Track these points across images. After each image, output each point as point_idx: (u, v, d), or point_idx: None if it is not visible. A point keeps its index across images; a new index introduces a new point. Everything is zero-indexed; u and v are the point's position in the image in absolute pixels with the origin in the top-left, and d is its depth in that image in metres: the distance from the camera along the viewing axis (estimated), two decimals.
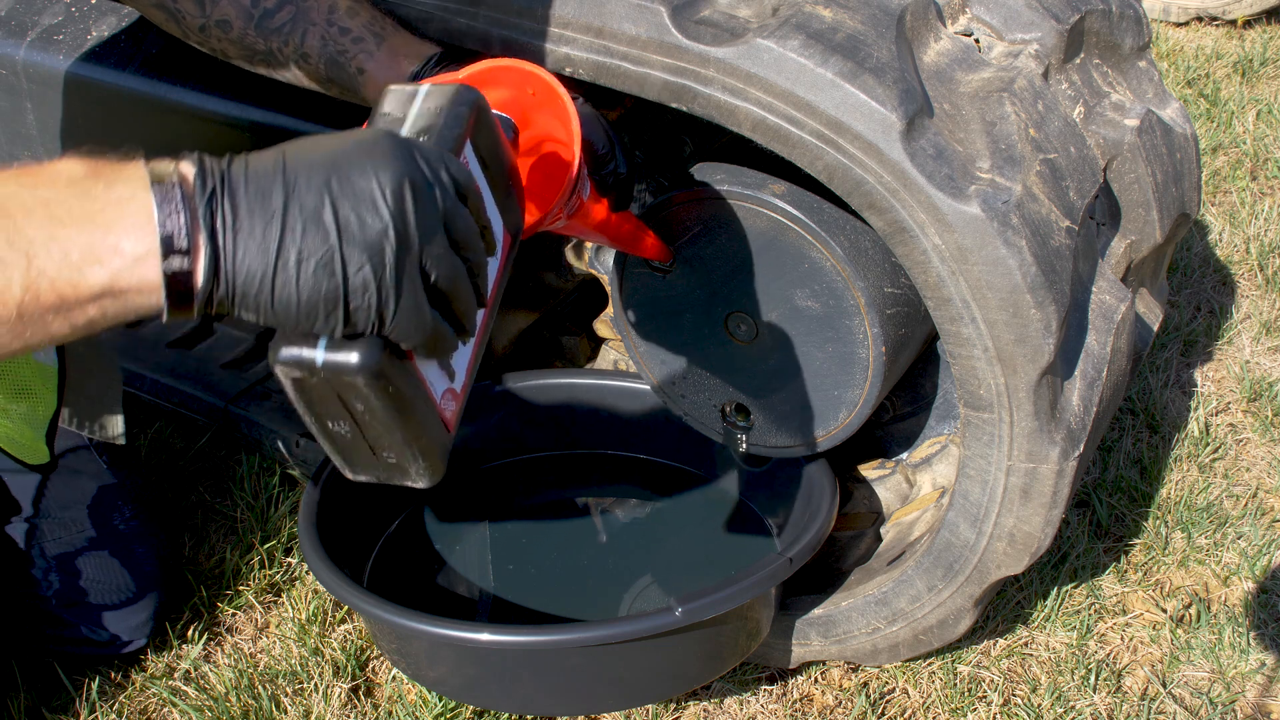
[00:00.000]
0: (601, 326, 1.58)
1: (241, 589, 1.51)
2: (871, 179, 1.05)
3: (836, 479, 1.33)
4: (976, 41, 1.21)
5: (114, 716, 1.35)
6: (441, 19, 1.20)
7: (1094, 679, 1.41)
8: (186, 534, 1.59)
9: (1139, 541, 1.60)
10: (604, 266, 1.52)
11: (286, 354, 0.72)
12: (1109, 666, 1.43)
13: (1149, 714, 1.37)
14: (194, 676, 1.40)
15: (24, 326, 0.65)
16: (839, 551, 1.41)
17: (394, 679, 1.40)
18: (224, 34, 1.19)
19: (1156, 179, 1.29)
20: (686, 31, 1.08)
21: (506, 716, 1.35)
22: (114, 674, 1.40)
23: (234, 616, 1.48)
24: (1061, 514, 1.17)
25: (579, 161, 0.98)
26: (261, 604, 1.50)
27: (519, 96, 1.00)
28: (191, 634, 1.45)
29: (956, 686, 1.40)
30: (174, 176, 0.67)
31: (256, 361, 1.81)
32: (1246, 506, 1.66)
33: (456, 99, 0.79)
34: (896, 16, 1.10)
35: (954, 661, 1.42)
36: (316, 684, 1.37)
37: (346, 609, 1.48)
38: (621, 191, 1.12)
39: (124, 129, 1.55)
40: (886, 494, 1.44)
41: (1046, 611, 1.49)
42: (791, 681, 1.41)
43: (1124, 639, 1.47)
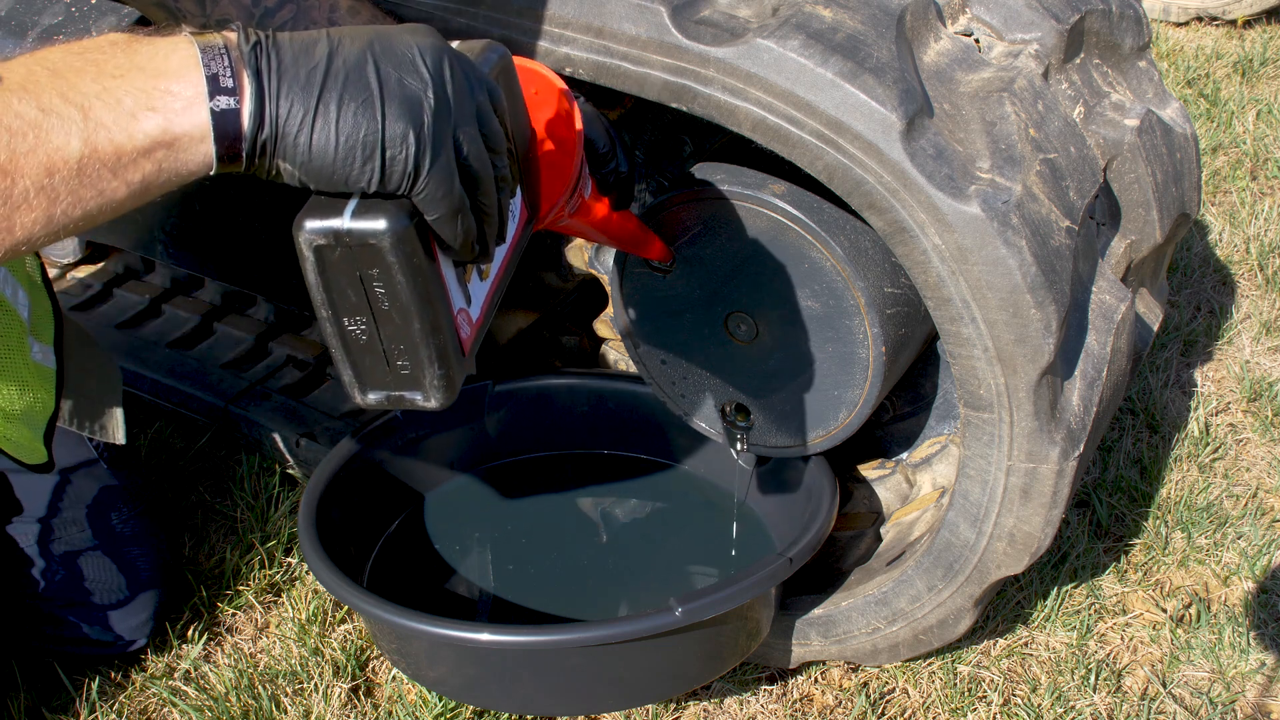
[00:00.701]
0: (601, 326, 1.58)
1: (241, 589, 1.51)
2: (871, 179, 1.05)
3: (836, 479, 1.33)
4: (976, 41, 1.21)
5: (114, 716, 1.35)
6: (441, 19, 1.20)
7: (1094, 679, 1.41)
8: (186, 534, 1.59)
9: (1139, 541, 1.60)
10: (604, 266, 1.52)
11: (312, 224, 0.71)
12: (1109, 666, 1.43)
13: (1149, 714, 1.37)
14: (194, 676, 1.40)
15: (84, 186, 0.66)
16: (839, 551, 1.41)
17: (394, 679, 1.40)
18: None
19: (1156, 179, 1.29)
20: (686, 31, 1.08)
21: (506, 716, 1.35)
22: (114, 674, 1.40)
23: (234, 616, 1.48)
24: (1061, 514, 1.17)
25: (580, 159, 0.98)
26: (261, 604, 1.50)
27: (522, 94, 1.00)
28: (191, 634, 1.45)
29: (956, 686, 1.40)
30: (218, 37, 0.70)
31: (256, 361, 1.81)
32: (1246, 506, 1.66)
33: (486, 48, 0.80)
34: (896, 16, 1.10)
35: (954, 661, 1.42)
36: (316, 684, 1.37)
37: (346, 609, 1.48)
38: (622, 190, 1.12)
39: None
40: (886, 494, 1.44)
41: (1046, 611, 1.49)
42: (791, 681, 1.41)
43: (1124, 639, 1.47)
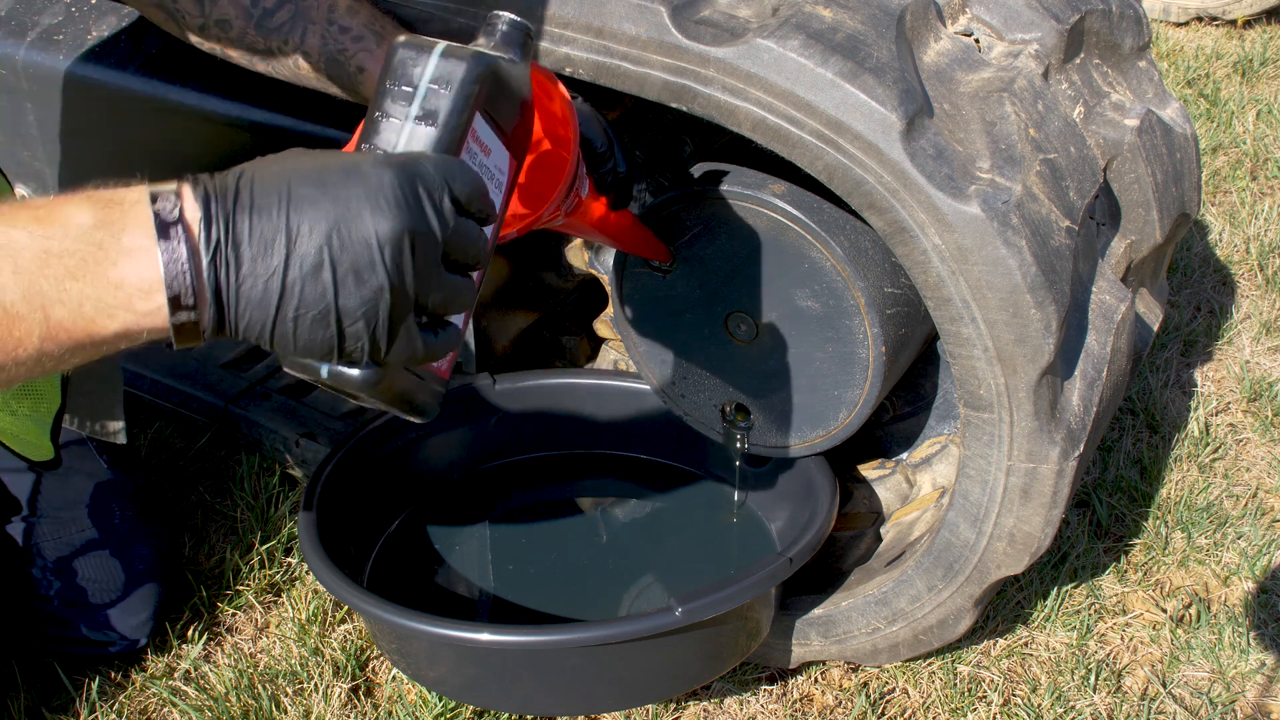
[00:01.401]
0: (601, 326, 1.58)
1: (241, 589, 1.51)
2: (871, 179, 1.05)
3: (836, 479, 1.33)
4: (976, 41, 1.21)
5: (114, 716, 1.35)
6: (441, 19, 1.20)
7: (1094, 679, 1.41)
8: (186, 534, 1.59)
9: (1139, 541, 1.60)
10: (604, 266, 1.52)
11: (292, 363, 0.77)
12: (1109, 666, 1.43)
13: (1149, 714, 1.37)
14: (194, 676, 1.40)
15: (43, 365, 0.70)
16: (839, 551, 1.41)
17: (394, 679, 1.40)
18: (224, 33, 1.19)
19: (1156, 179, 1.29)
20: (686, 31, 1.08)
21: (506, 716, 1.35)
22: (114, 674, 1.40)
23: (234, 616, 1.48)
24: (1061, 514, 1.17)
25: (576, 158, 0.98)
26: (261, 604, 1.50)
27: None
28: (191, 634, 1.45)
29: (956, 686, 1.40)
30: (179, 227, 0.69)
31: (256, 361, 1.81)
32: (1246, 506, 1.66)
33: (467, 75, 0.78)
34: (896, 16, 1.10)
35: (954, 661, 1.42)
36: (316, 684, 1.37)
37: (346, 609, 1.48)
38: (621, 190, 1.12)
39: (124, 129, 1.55)
40: (886, 494, 1.44)
41: (1046, 611, 1.49)
42: (791, 681, 1.41)
43: (1124, 639, 1.47)
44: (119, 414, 1.46)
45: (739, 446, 1.35)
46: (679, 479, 1.52)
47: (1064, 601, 1.50)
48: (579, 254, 1.54)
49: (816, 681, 1.42)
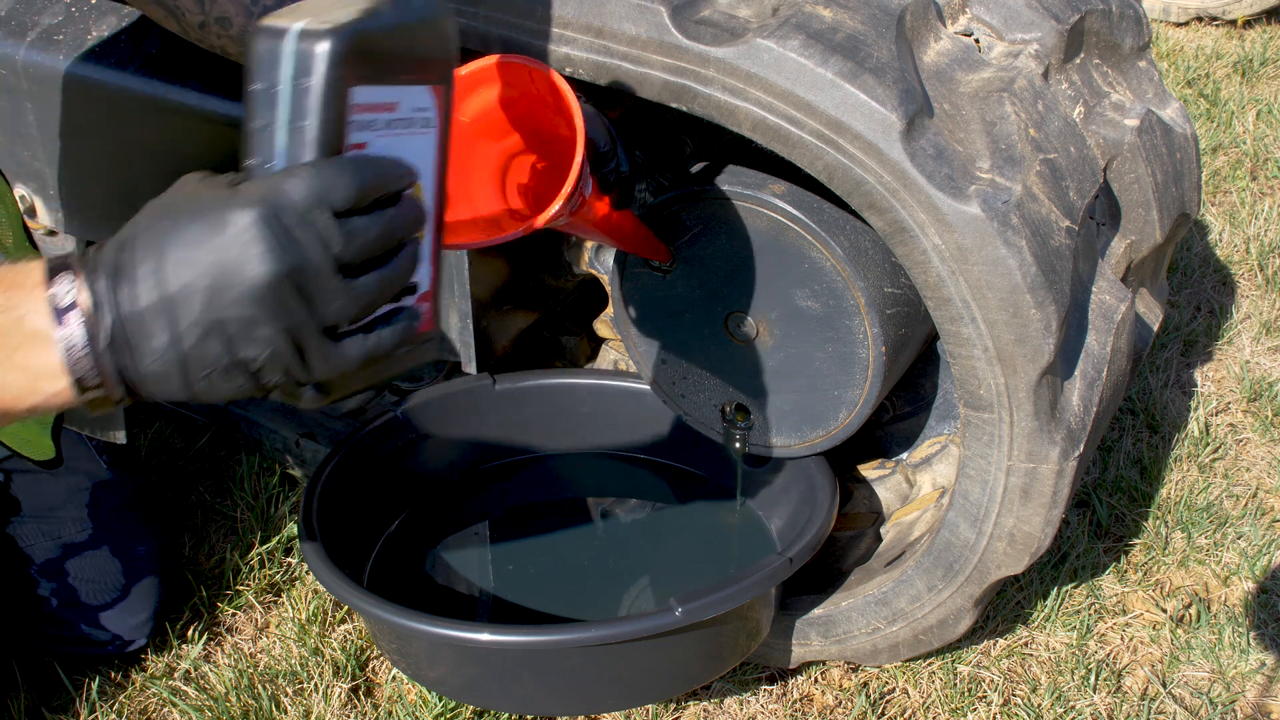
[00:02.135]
0: (601, 326, 1.58)
1: (241, 589, 1.51)
2: (871, 179, 1.05)
3: (836, 479, 1.33)
4: (976, 41, 1.21)
5: (114, 716, 1.35)
6: None
7: (1094, 679, 1.41)
8: (186, 534, 1.59)
9: (1139, 541, 1.60)
10: (604, 266, 1.52)
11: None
12: (1109, 666, 1.43)
13: (1149, 714, 1.37)
14: (194, 676, 1.40)
15: None
16: (839, 551, 1.41)
17: (394, 679, 1.40)
18: (224, 30, 1.19)
19: (1156, 179, 1.29)
20: (686, 31, 1.08)
21: (506, 716, 1.35)
22: (114, 674, 1.40)
23: (234, 616, 1.48)
24: (1061, 514, 1.17)
25: (582, 157, 0.97)
26: (261, 604, 1.50)
27: (524, 93, 1.00)
28: (191, 634, 1.45)
29: (956, 686, 1.40)
30: (75, 312, 0.71)
31: None
32: (1246, 506, 1.66)
33: (331, 59, 0.72)
34: (896, 16, 1.10)
35: (954, 661, 1.42)
36: (316, 684, 1.37)
37: (346, 609, 1.48)
38: (623, 190, 1.12)
39: (124, 129, 1.55)
40: (886, 494, 1.44)
41: (1046, 611, 1.49)
42: (791, 681, 1.41)
43: (1124, 639, 1.47)
44: (119, 415, 1.46)
45: (739, 446, 1.35)
46: (679, 479, 1.52)
47: (1064, 601, 1.50)
48: (579, 254, 1.54)
49: (816, 681, 1.42)
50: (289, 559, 1.56)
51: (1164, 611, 1.50)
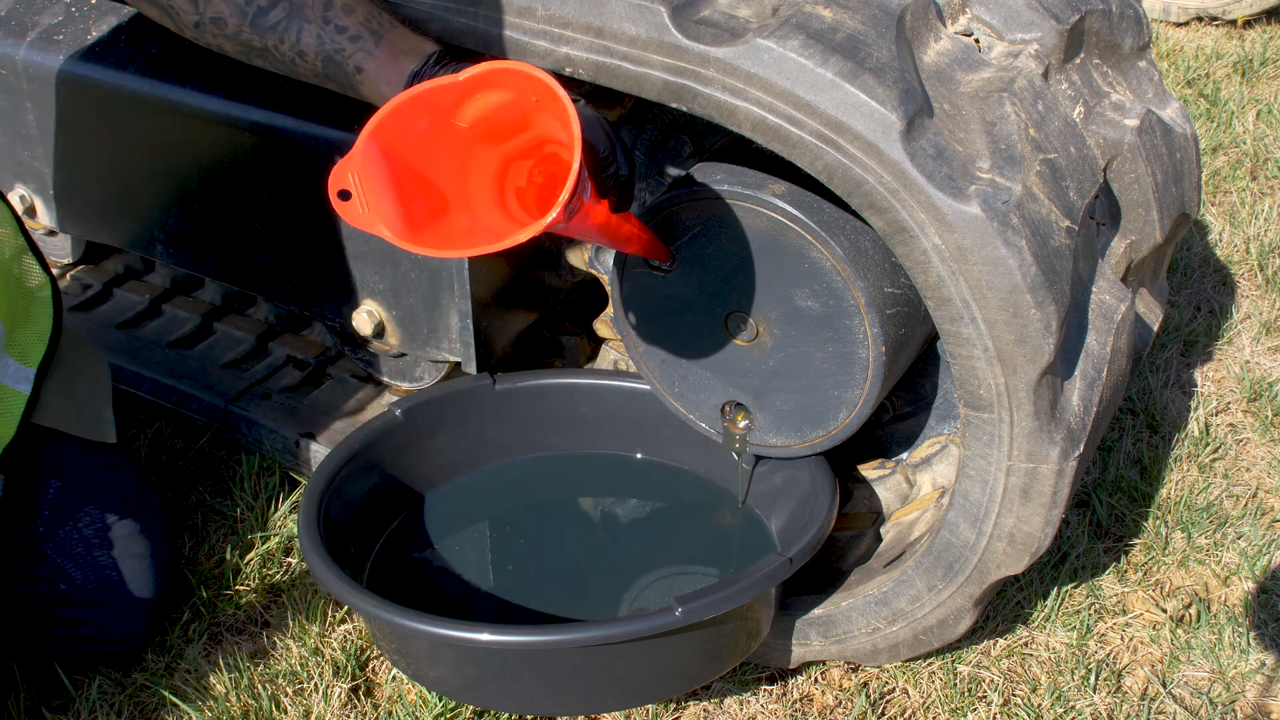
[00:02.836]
0: (601, 326, 1.58)
1: (241, 589, 1.51)
2: (871, 179, 1.05)
3: (836, 479, 1.33)
4: (976, 41, 1.21)
5: (114, 716, 1.35)
6: (442, 19, 1.20)
7: (1094, 679, 1.41)
8: (186, 534, 1.59)
9: (1139, 541, 1.60)
10: (604, 266, 1.52)
11: None
12: (1109, 666, 1.43)
13: (1149, 714, 1.37)
14: (194, 676, 1.40)
15: None
16: (839, 551, 1.41)
17: (394, 679, 1.40)
18: (219, 30, 1.19)
19: (1156, 179, 1.29)
20: (686, 31, 1.08)
21: (506, 716, 1.36)
22: (114, 674, 1.40)
23: (234, 616, 1.48)
24: (1061, 514, 1.17)
25: (579, 165, 0.97)
26: (261, 604, 1.50)
27: (520, 100, 1.00)
28: (192, 634, 1.45)
29: (956, 686, 1.40)
30: None
31: (256, 361, 1.81)
32: (1246, 506, 1.66)
33: None
34: (896, 16, 1.10)
35: (954, 661, 1.42)
36: (316, 684, 1.37)
37: (346, 609, 1.48)
38: (622, 193, 1.12)
39: (124, 129, 1.55)
40: (886, 494, 1.44)
41: (1046, 611, 1.49)
42: (791, 681, 1.41)
43: (1124, 639, 1.47)
44: (108, 413, 1.46)
45: (739, 446, 1.35)
46: (679, 479, 1.52)
47: (1064, 601, 1.50)
48: (579, 254, 1.54)
49: (816, 681, 1.42)
50: (289, 559, 1.56)
51: (1164, 611, 1.50)
